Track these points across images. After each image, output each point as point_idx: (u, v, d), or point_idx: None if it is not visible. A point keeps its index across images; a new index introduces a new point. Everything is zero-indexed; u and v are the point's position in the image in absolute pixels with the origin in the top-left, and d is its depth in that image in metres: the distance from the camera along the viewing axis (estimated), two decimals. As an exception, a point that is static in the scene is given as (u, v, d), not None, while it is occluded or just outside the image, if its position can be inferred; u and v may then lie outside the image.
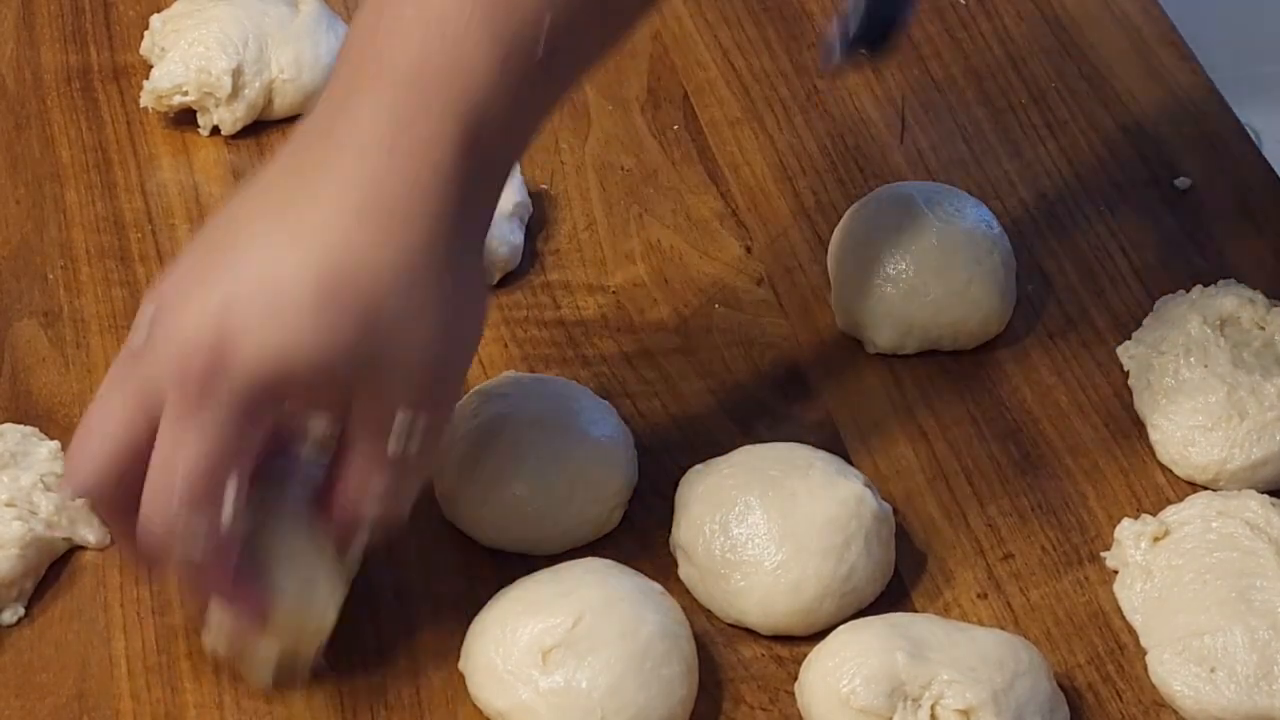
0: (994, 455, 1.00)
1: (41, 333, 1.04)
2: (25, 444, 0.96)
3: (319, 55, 1.14)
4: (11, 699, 0.89)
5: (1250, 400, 0.98)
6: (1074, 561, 0.96)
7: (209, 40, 1.14)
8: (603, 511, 0.95)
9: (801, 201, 1.13)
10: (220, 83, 1.13)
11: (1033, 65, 1.22)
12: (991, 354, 1.05)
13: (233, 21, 1.14)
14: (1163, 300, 1.05)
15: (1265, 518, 0.93)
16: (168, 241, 1.09)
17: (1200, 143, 1.17)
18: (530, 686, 0.86)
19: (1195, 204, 1.13)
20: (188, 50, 1.14)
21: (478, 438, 0.95)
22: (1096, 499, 0.98)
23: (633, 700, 0.85)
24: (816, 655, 0.88)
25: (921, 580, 0.95)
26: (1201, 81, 1.21)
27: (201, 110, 1.14)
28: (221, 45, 1.13)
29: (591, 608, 0.87)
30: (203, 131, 1.15)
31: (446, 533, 0.96)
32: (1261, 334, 1.01)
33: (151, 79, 1.14)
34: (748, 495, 0.92)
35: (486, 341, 1.04)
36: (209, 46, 1.13)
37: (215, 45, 1.13)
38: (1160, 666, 0.90)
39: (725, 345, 1.05)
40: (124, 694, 0.89)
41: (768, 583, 0.91)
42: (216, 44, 1.13)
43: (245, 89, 1.13)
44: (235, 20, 1.14)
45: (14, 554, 0.91)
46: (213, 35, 1.14)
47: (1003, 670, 0.86)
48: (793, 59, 1.22)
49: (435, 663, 0.90)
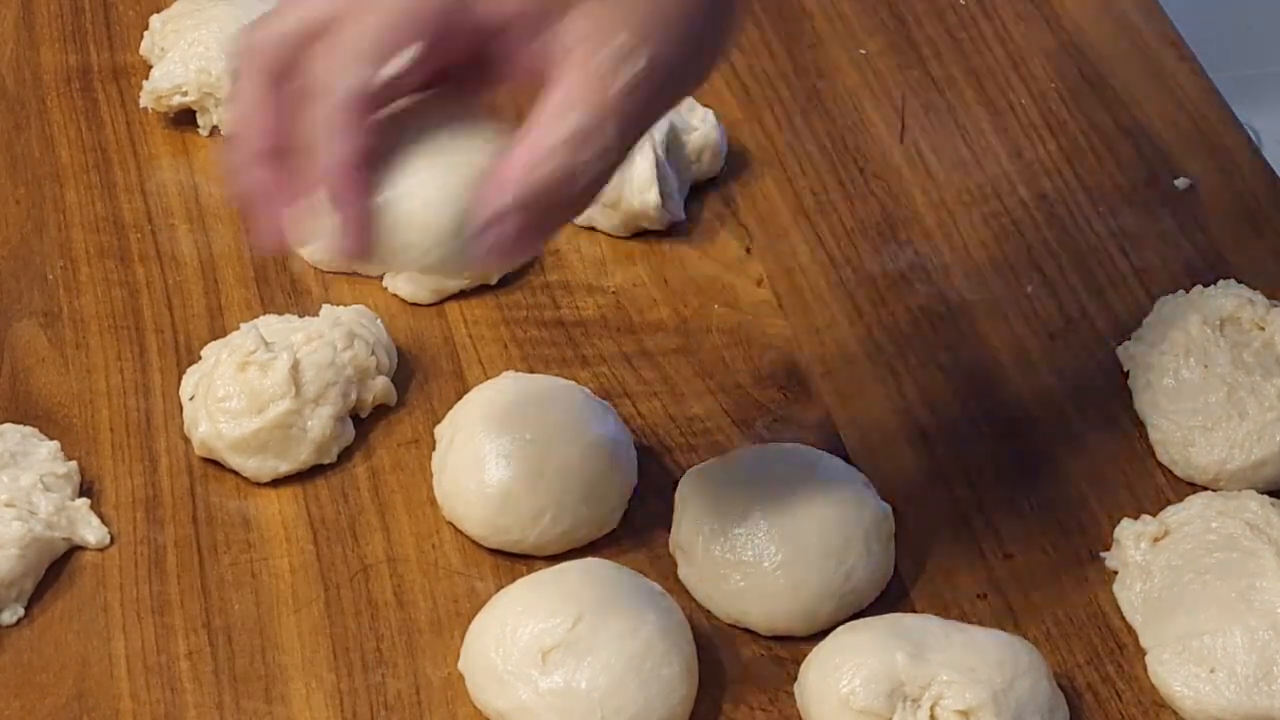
0: (994, 455, 1.00)
1: (41, 333, 1.04)
2: (25, 444, 0.97)
3: None
4: (11, 699, 0.89)
5: (1250, 400, 0.98)
6: (1074, 562, 0.96)
7: (209, 40, 1.14)
8: (603, 511, 0.95)
9: (801, 202, 1.13)
10: (220, 83, 1.13)
11: (1033, 65, 1.22)
12: (991, 354, 1.05)
13: (233, 21, 1.14)
14: (1163, 300, 1.05)
15: (1265, 518, 0.93)
16: (168, 241, 1.09)
17: (1200, 143, 1.17)
18: (530, 687, 0.86)
19: (1195, 204, 1.13)
20: (187, 50, 1.14)
21: (478, 438, 0.95)
22: (1096, 499, 0.98)
23: (632, 700, 0.85)
24: (816, 656, 0.88)
25: (921, 581, 0.95)
26: (1201, 81, 1.21)
27: (201, 110, 1.14)
28: (221, 45, 1.13)
29: (591, 608, 0.87)
30: (202, 132, 1.15)
31: (447, 533, 0.96)
32: (1261, 334, 1.01)
33: (151, 79, 1.14)
34: (748, 495, 0.92)
35: (486, 341, 1.04)
36: (209, 46, 1.13)
37: (215, 45, 1.13)
38: (1160, 667, 0.90)
39: (725, 345, 1.05)
40: (124, 694, 0.89)
41: (767, 583, 0.91)
42: (216, 44, 1.13)
43: None
44: (235, 20, 1.14)
45: (14, 554, 0.91)
46: (213, 35, 1.14)
47: (1002, 671, 0.86)
48: (793, 59, 1.22)
49: (435, 663, 0.90)
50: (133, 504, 0.96)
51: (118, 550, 0.95)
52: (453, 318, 1.06)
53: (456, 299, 1.06)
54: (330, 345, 0.98)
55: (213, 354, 0.99)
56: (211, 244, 1.09)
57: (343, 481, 0.98)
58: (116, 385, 1.02)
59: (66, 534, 0.94)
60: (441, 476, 0.96)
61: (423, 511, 0.97)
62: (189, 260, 1.08)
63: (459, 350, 1.04)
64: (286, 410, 0.96)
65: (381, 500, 0.97)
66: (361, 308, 1.02)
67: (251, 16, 1.13)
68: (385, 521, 0.96)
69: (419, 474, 0.98)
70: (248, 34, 0.79)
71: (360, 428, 1.00)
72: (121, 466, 0.98)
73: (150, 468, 0.98)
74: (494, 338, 1.05)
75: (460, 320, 1.05)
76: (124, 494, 0.97)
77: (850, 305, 1.07)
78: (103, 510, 0.96)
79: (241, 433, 0.96)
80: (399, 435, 1.00)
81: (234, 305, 1.06)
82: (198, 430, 0.97)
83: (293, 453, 0.97)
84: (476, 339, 1.05)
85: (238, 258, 1.08)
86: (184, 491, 0.97)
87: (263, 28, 0.78)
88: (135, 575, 0.93)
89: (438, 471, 0.96)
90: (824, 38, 1.23)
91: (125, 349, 1.04)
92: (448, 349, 1.04)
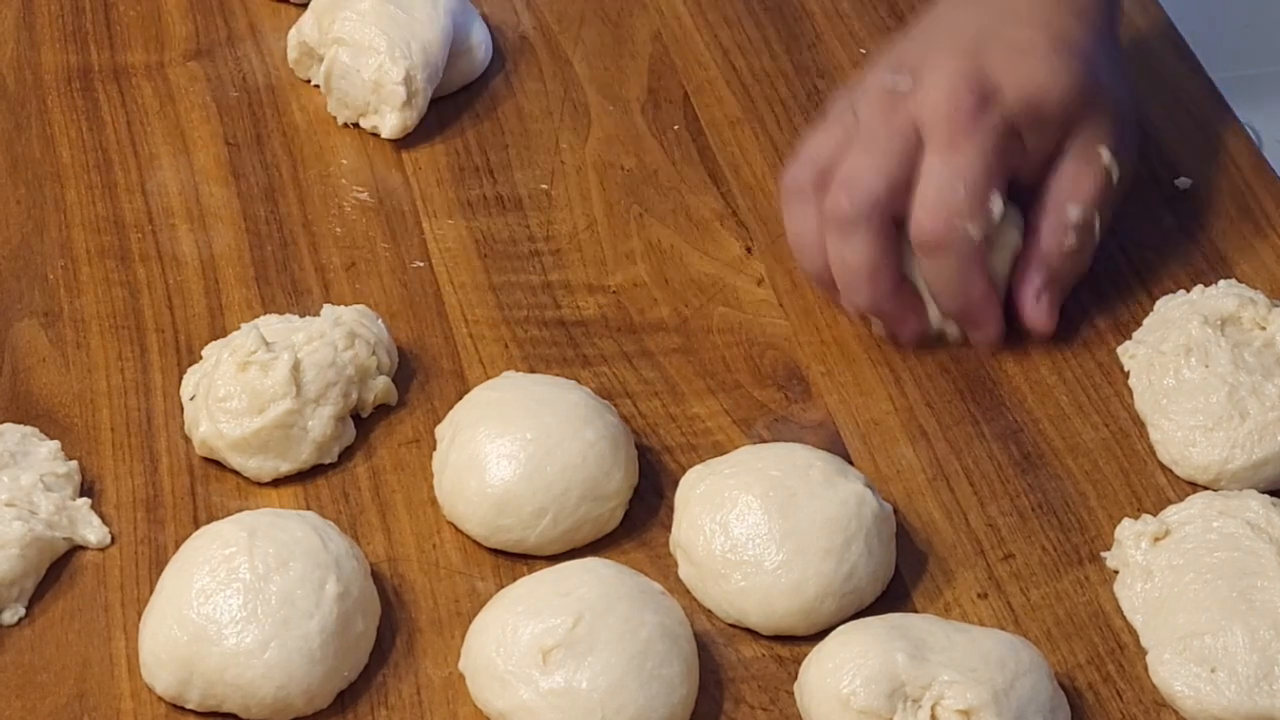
0: (994, 455, 1.00)
1: (41, 333, 1.04)
2: (25, 444, 0.97)
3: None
4: (12, 699, 0.89)
5: (1251, 400, 0.98)
6: (1074, 561, 0.96)
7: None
8: (603, 511, 0.95)
9: (802, 201, 1.13)
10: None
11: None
12: (991, 354, 1.05)
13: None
14: (1163, 300, 1.05)
15: (1266, 518, 0.93)
16: (168, 241, 1.09)
17: (1200, 143, 1.17)
18: (530, 687, 0.86)
19: (1195, 204, 1.13)
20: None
21: (479, 438, 0.95)
22: (1097, 499, 0.98)
23: (633, 700, 0.85)
24: (816, 656, 0.88)
25: (922, 580, 0.95)
26: (1201, 81, 1.21)
27: (360, 111, 1.15)
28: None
29: (592, 608, 0.87)
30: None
31: (447, 533, 0.96)
32: (1262, 334, 1.01)
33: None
34: (748, 495, 0.92)
35: (486, 341, 1.04)
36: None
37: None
38: (1161, 666, 0.90)
39: (725, 345, 1.05)
40: (124, 694, 0.89)
41: (768, 583, 0.91)
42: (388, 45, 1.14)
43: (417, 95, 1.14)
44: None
45: (14, 554, 0.91)
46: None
47: (1003, 671, 0.86)
48: (793, 59, 1.22)
49: (435, 663, 0.90)
50: (133, 504, 0.96)
51: (118, 550, 0.95)
52: (453, 318, 1.06)
53: (457, 299, 1.06)
54: (331, 345, 0.98)
55: (213, 354, 0.99)
56: (212, 244, 1.09)
57: (343, 481, 0.98)
58: (117, 385, 1.02)
59: (67, 534, 0.94)
60: (442, 476, 0.96)
61: (423, 511, 0.97)
62: (189, 260, 1.08)
63: (459, 350, 1.04)
64: (287, 410, 0.96)
65: (382, 500, 0.97)
66: (362, 308, 1.02)
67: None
68: (386, 521, 0.96)
69: (420, 474, 0.98)
70: (828, 208, 1.00)
71: (361, 427, 1.00)
72: (122, 466, 0.98)
73: (151, 467, 0.98)
74: (494, 337, 1.05)
75: (461, 320, 1.06)
76: (125, 494, 0.97)
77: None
78: (103, 510, 0.96)
79: (242, 432, 0.96)
80: (400, 435, 1.00)
81: (234, 305, 1.06)
82: (198, 430, 0.97)
83: (293, 452, 0.97)
84: (477, 339, 1.05)
85: (238, 258, 1.08)
86: (185, 491, 0.97)
87: (841, 201, 1.00)
88: (136, 575, 0.93)
89: (438, 471, 0.96)
90: (824, 38, 1.23)
91: (126, 349, 1.04)
92: (448, 349, 1.04)
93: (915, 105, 0.99)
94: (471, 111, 1.17)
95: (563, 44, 1.22)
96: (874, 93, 1.01)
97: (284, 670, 0.86)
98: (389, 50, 1.13)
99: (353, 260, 1.09)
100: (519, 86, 1.19)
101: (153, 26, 1.22)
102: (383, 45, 1.13)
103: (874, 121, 1.00)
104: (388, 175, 1.14)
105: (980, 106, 0.98)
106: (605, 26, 1.23)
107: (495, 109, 1.18)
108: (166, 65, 1.20)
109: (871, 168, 0.99)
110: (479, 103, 1.18)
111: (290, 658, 0.86)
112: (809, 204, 1.01)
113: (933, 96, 0.99)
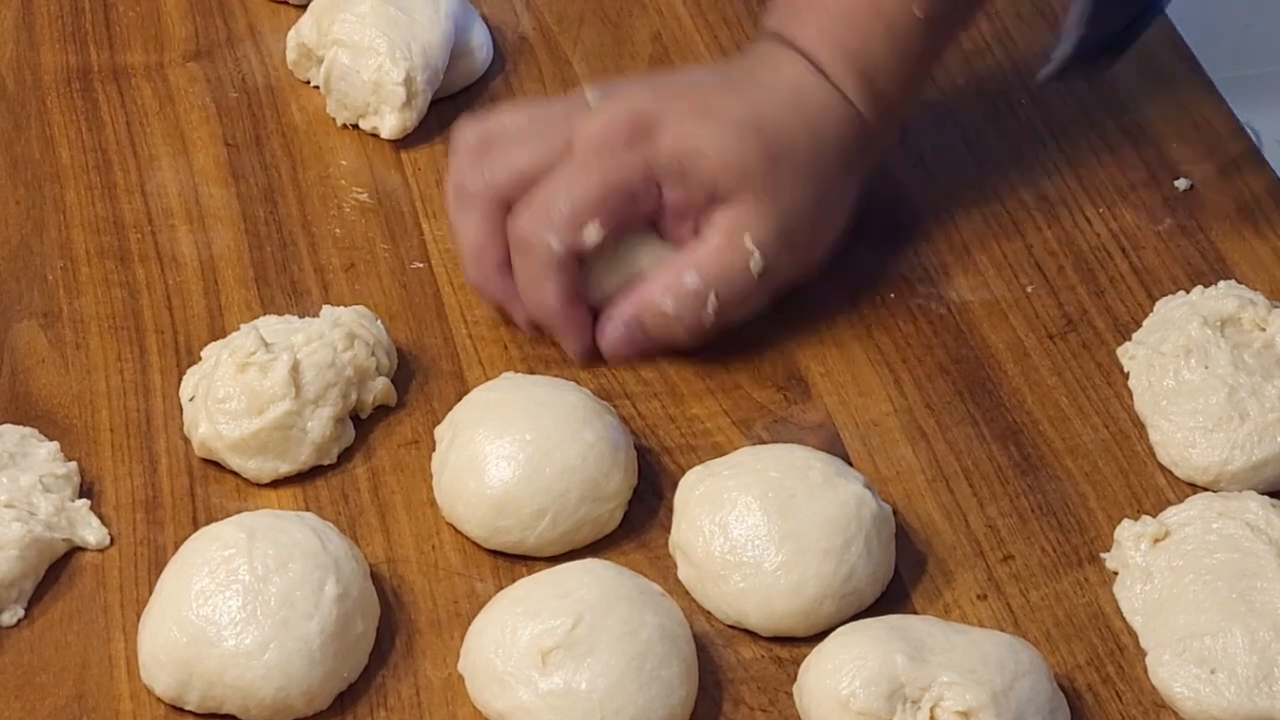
0: (994, 456, 1.00)
1: (41, 333, 1.04)
2: (25, 444, 0.97)
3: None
4: (11, 700, 0.89)
5: (1251, 401, 0.98)
6: (1074, 563, 0.96)
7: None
8: (603, 512, 0.95)
9: (801, 202, 1.13)
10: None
11: (1033, 65, 1.21)
12: (991, 354, 1.05)
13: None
14: (1163, 301, 1.05)
15: (1266, 519, 0.93)
16: (168, 242, 1.09)
17: (1200, 143, 1.17)
18: (530, 688, 0.86)
19: (1195, 204, 1.13)
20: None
21: (478, 439, 0.95)
22: (1096, 500, 0.98)
23: (632, 702, 0.85)
24: (816, 657, 0.88)
25: (921, 581, 0.95)
26: (1201, 81, 1.21)
27: (359, 111, 1.15)
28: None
29: (591, 609, 0.87)
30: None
31: (447, 533, 0.96)
32: (1262, 335, 1.01)
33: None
34: (748, 496, 0.92)
35: (486, 342, 1.04)
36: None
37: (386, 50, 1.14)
38: (1160, 668, 0.90)
39: (725, 345, 1.05)
40: (124, 694, 0.89)
41: (767, 584, 0.91)
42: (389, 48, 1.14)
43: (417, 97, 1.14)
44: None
45: (13, 555, 0.91)
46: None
47: (1003, 672, 0.86)
48: (793, 59, 1.21)
49: (435, 663, 0.90)
50: (133, 505, 0.96)
51: (118, 551, 0.95)
52: (453, 318, 1.06)
53: (457, 300, 1.06)
54: (330, 346, 0.98)
55: (213, 355, 0.99)
56: (211, 244, 1.09)
57: (343, 482, 0.98)
58: (116, 386, 1.02)
59: (66, 535, 0.94)
60: (441, 477, 0.96)
61: (423, 512, 0.97)
62: (189, 261, 1.08)
63: (459, 350, 1.04)
64: (286, 411, 0.96)
65: (381, 501, 0.97)
66: (362, 309, 1.02)
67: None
68: (385, 522, 0.96)
69: (419, 475, 0.98)
70: (466, 177, 1.02)
71: (360, 429, 1.00)
72: (121, 467, 0.98)
73: (150, 468, 0.98)
74: (494, 338, 1.05)
75: (460, 321, 1.06)
76: (124, 495, 0.97)
77: (850, 305, 1.07)
78: (103, 511, 0.96)
79: (241, 434, 0.96)
80: (399, 436, 1.00)
81: (234, 306, 1.06)
82: (198, 431, 0.97)
83: (293, 454, 0.97)
84: (476, 339, 1.05)
85: (237, 259, 1.08)
86: (184, 492, 0.97)
87: (477, 176, 1.02)
88: (135, 576, 0.93)
89: (438, 472, 0.96)
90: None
91: (125, 350, 1.04)
92: (448, 349, 1.04)
93: (580, 122, 1.01)
94: (472, 113, 1.17)
95: (562, 45, 1.22)
96: (572, 101, 1.04)
97: (283, 671, 0.86)
98: (389, 51, 1.13)
99: (352, 261, 1.09)
100: (519, 87, 1.19)
101: (152, 27, 1.22)
102: (383, 46, 1.13)
103: (541, 123, 1.03)
104: (387, 176, 1.14)
105: (629, 142, 0.99)
106: (605, 27, 1.23)
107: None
108: (166, 66, 1.20)
109: (509, 159, 1.01)
110: (479, 104, 1.18)
111: (290, 659, 0.86)
112: (471, 166, 1.03)
113: (595, 120, 1.00)
